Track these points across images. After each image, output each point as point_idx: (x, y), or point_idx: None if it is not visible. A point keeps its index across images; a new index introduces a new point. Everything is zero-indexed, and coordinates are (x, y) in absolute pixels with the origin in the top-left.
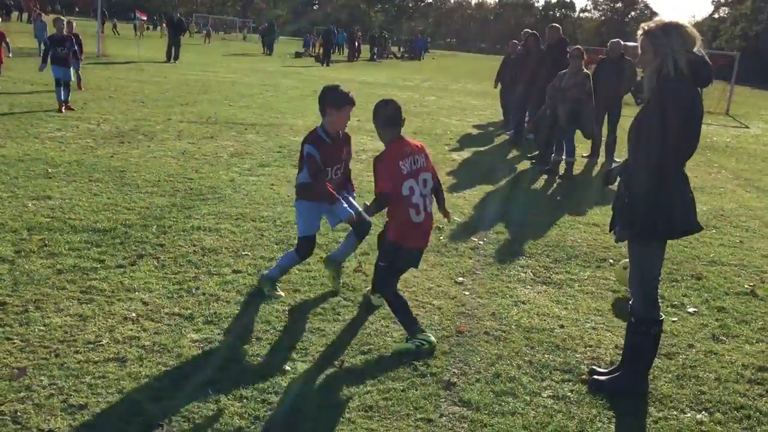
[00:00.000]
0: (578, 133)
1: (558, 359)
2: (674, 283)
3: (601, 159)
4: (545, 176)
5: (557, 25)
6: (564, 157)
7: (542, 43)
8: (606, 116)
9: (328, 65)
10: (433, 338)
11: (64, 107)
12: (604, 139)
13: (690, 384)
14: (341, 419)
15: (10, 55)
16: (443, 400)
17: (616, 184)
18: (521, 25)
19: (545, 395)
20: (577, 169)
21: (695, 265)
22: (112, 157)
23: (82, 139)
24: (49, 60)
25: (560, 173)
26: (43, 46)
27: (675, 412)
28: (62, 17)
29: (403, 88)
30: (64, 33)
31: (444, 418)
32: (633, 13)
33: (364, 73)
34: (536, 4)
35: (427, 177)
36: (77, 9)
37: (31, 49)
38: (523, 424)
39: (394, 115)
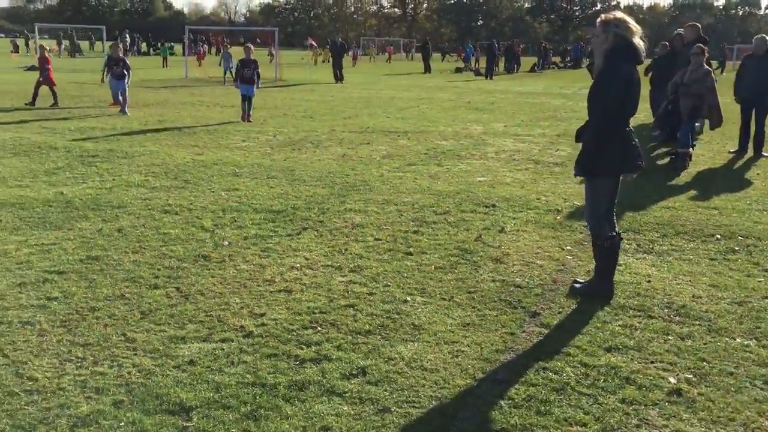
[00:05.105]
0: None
1: (635, 302)
2: None
3: (749, 154)
4: (675, 168)
5: (696, 24)
6: (680, 149)
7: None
8: (753, 112)
9: (491, 78)
10: None
11: (248, 118)
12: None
13: (748, 321)
14: (445, 331)
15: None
16: (527, 323)
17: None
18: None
19: (615, 324)
20: (720, 162)
21: None
22: (285, 160)
23: (262, 147)
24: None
25: (687, 166)
26: (228, 73)
27: (726, 339)
28: (250, 45)
29: (558, 96)
30: (251, 57)
31: (524, 333)
32: None
33: (522, 84)
34: (716, 4)
35: None
36: (258, 40)
37: (219, 77)
38: (589, 341)
39: None
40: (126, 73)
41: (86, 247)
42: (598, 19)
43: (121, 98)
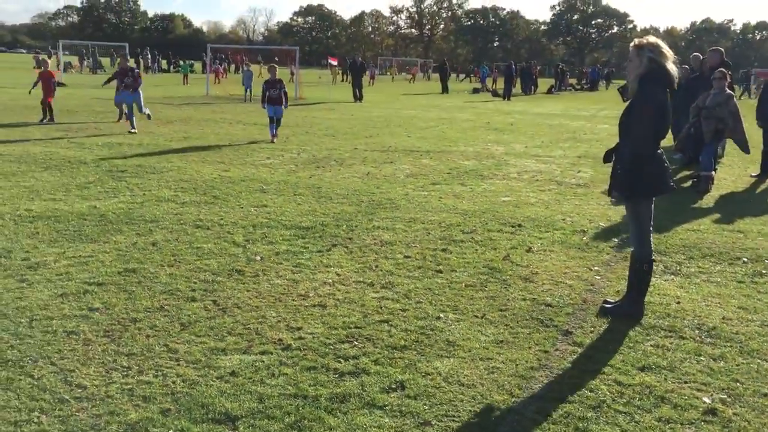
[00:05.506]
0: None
1: (666, 323)
2: None
3: None
4: (698, 191)
5: (719, 48)
6: (702, 173)
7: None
8: None
9: (509, 99)
10: None
11: (275, 139)
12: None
13: None
14: (479, 347)
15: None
16: (560, 341)
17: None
18: None
19: (647, 344)
20: (742, 185)
21: None
22: (310, 177)
23: (287, 164)
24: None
25: (709, 189)
26: (248, 91)
27: (758, 360)
28: (275, 65)
29: (576, 117)
30: (276, 77)
31: (558, 351)
32: None
33: (540, 105)
34: (733, 28)
35: None
36: (276, 59)
37: (240, 95)
38: (622, 360)
39: None
40: (137, 81)
41: (123, 260)
42: (632, 44)
43: (129, 111)
